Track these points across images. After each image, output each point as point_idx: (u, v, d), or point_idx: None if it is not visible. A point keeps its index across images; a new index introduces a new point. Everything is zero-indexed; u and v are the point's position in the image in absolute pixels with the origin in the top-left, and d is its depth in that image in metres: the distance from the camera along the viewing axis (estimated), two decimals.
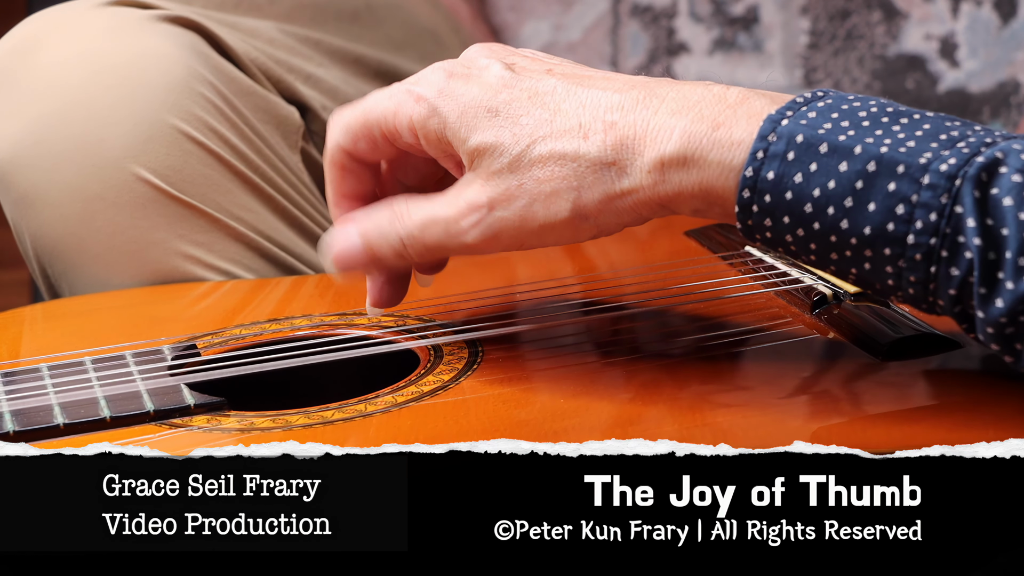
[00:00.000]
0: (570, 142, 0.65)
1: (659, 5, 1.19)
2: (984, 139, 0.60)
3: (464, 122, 0.67)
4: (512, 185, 0.66)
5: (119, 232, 0.87)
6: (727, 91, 0.65)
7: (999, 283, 0.59)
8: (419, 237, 0.69)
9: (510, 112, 0.67)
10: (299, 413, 0.67)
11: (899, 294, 0.62)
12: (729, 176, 0.63)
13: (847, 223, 0.61)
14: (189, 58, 0.88)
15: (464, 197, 0.67)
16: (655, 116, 0.65)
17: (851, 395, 0.69)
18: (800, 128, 0.62)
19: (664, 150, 0.64)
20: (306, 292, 0.85)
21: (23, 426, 0.66)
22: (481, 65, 0.69)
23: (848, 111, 0.62)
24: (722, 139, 0.63)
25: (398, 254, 0.70)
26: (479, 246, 0.68)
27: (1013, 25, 1.15)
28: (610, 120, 0.65)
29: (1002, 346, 0.60)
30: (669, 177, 0.64)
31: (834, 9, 1.17)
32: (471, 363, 0.72)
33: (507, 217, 0.67)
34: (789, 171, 0.62)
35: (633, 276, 0.83)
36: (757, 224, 0.63)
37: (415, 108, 0.68)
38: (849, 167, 0.61)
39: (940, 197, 0.59)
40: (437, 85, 0.68)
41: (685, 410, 0.66)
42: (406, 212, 0.69)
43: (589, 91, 0.66)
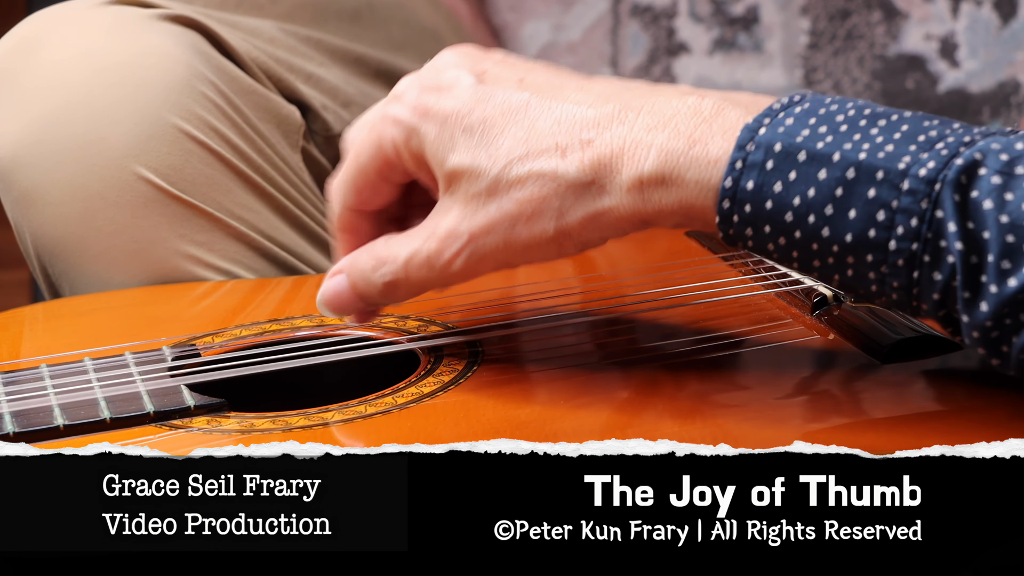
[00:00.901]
0: (548, 161, 0.65)
1: (659, 5, 1.19)
2: (962, 139, 0.60)
3: (441, 142, 0.66)
4: (491, 209, 0.65)
5: (120, 231, 0.87)
6: (702, 102, 0.64)
7: (983, 286, 0.58)
8: (403, 275, 0.68)
9: (485, 131, 0.65)
10: (299, 414, 0.67)
11: (883, 299, 0.62)
12: (708, 194, 0.63)
13: (828, 231, 0.61)
14: (190, 57, 0.88)
15: (444, 226, 0.67)
16: (631, 132, 0.64)
17: (851, 396, 0.69)
18: (778, 136, 0.62)
19: (642, 169, 0.63)
20: (307, 292, 0.85)
21: (23, 427, 0.66)
22: (451, 77, 0.67)
23: (825, 115, 0.62)
24: (699, 157, 0.63)
25: (385, 294, 0.69)
26: (466, 273, 0.67)
27: (1013, 25, 1.15)
28: (586, 138, 0.64)
29: (988, 349, 0.60)
30: (648, 196, 0.64)
31: (834, 9, 1.17)
32: (471, 364, 0.72)
33: (490, 242, 0.66)
34: (768, 180, 0.62)
35: (633, 277, 0.83)
36: (738, 233, 0.63)
37: (394, 131, 0.67)
38: (828, 174, 0.61)
39: (920, 202, 0.59)
40: (410, 103, 0.67)
41: (685, 410, 0.66)
42: (386, 255, 0.68)
43: (563, 105, 0.65)
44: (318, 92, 0.99)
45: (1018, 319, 0.58)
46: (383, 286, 0.69)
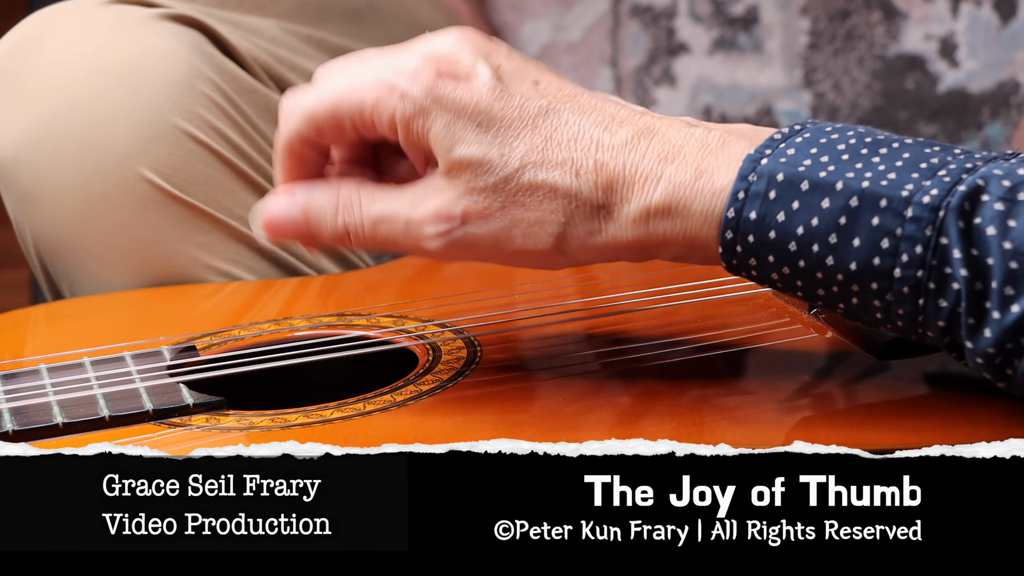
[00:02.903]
0: (562, 176, 0.64)
1: (659, 5, 1.19)
2: (964, 165, 0.60)
3: (452, 131, 0.65)
4: (494, 206, 0.65)
5: (120, 232, 0.87)
6: (708, 134, 0.64)
7: (986, 313, 0.58)
8: (369, 230, 0.67)
9: (500, 129, 0.65)
10: (298, 412, 0.67)
11: (888, 326, 0.62)
12: (712, 224, 0.63)
13: (832, 259, 0.61)
14: (192, 56, 0.88)
15: (433, 203, 0.66)
16: (642, 160, 0.64)
17: (850, 394, 0.69)
18: (780, 166, 0.62)
19: (651, 199, 0.63)
20: (308, 294, 0.86)
21: (22, 425, 0.66)
22: (468, 67, 0.66)
23: (827, 144, 0.62)
24: (704, 188, 0.63)
25: (339, 238, 0.68)
26: (439, 254, 0.66)
27: (1013, 25, 1.15)
28: (601, 160, 0.64)
29: (993, 374, 0.60)
30: (654, 226, 0.64)
31: (834, 9, 1.17)
32: (469, 363, 0.72)
33: (479, 235, 0.65)
34: (771, 210, 0.62)
35: (632, 276, 0.84)
36: (742, 264, 0.63)
37: (400, 105, 0.66)
38: (832, 203, 0.61)
39: (924, 229, 0.59)
40: (424, 83, 0.65)
41: (685, 409, 0.66)
42: (357, 201, 0.67)
43: (580, 121, 0.65)
44: None
45: (1020, 344, 0.58)
46: (341, 227, 0.67)
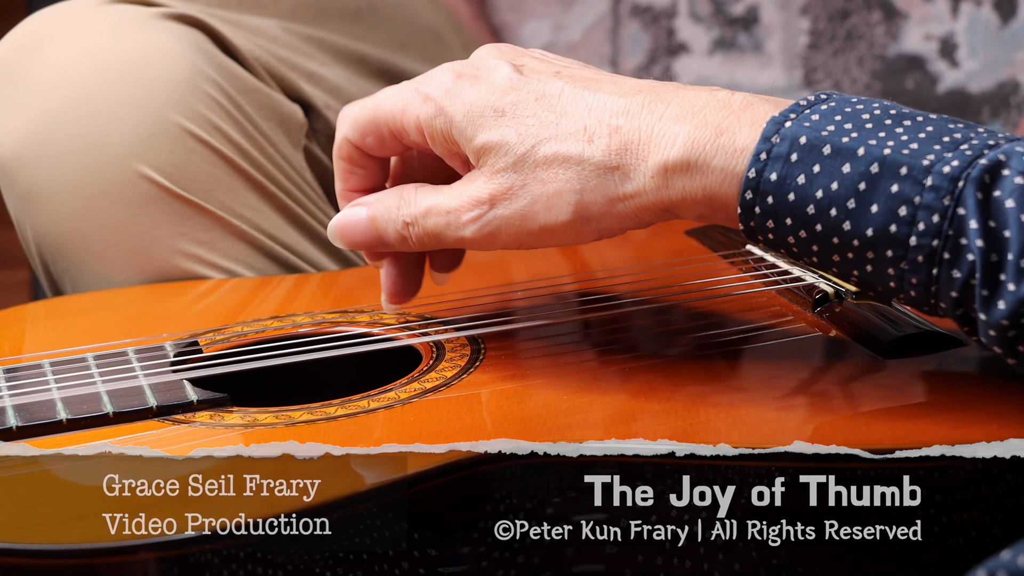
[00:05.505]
0: (574, 145, 0.66)
1: (659, 5, 1.19)
2: (987, 141, 0.60)
3: (470, 121, 0.68)
4: (515, 183, 0.67)
5: (122, 229, 0.87)
6: (731, 96, 0.65)
7: (1001, 285, 0.59)
8: (421, 222, 0.70)
9: (516, 112, 0.67)
10: (302, 409, 0.67)
11: (901, 296, 0.62)
12: (732, 182, 0.63)
13: (849, 225, 0.61)
14: (193, 56, 0.88)
15: (468, 192, 0.68)
16: (660, 122, 0.65)
17: (852, 394, 0.69)
18: (803, 130, 0.62)
19: (668, 156, 0.64)
20: (308, 290, 0.86)
21: (25, 421, 0.66)
22: (490, 66, 0.69)
23: (851, 113, 0.63)
24: (726, 145, 0.63)
25: (400, 236, 0.71)
26: (476, 241, 0.69)
27: (1013, 25, 1.15)
28: (615, 124, 0.66)
29: (1004, 349, 0.60)
30: (673, 183, 0.64)
31: (834, 9, 1.17)
32: (473, 360, 0.72)
33: (507, 216, 0.67)
34: (792, 172, 0.62)
35: (635, 275, 0.84)
36: (759, 225, 0.63)
37: (422, 107, 0.69)
38: (852, 168, 0.61)
39: (943, 199, 0.59)
40: (445, 85, 0.69)
41: (686, 409, 0.66)
42: (413, 197, 0.70)
43: (595, 95, 0.67)
44: (320, 91, 1.00)
45: None
46: (401, 223, 0.70)
